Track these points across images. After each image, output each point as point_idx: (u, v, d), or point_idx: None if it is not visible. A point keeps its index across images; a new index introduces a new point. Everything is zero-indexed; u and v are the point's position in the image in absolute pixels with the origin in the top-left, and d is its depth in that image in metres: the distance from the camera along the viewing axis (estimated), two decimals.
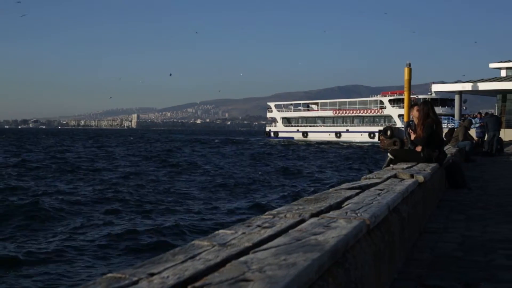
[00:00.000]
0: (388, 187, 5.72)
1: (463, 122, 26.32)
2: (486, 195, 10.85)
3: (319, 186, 28.15)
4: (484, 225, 7.46)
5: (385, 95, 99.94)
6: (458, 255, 5.65)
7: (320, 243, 2.86)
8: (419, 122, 10.97)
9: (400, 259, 5.10)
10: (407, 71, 69.13)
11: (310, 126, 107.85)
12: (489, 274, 4.89)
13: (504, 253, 5.67)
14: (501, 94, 67.73)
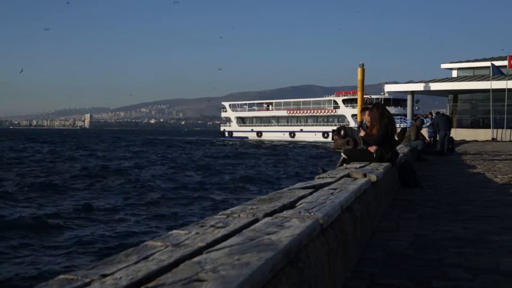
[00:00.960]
0: (341, 187, 5.76)
1: (415, 122, 26.61)
2: (437, 194, 10.99)
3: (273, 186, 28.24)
4: (436, 223, 7.56)
5: (338, 95, 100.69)
6: (410, 254, 5.71)
7: (274, 242, 2.87)
8: (375, 122, 11.06)
9: (353, 258, 5.14)
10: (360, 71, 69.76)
11: (264, 126, 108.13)
12: (440, 272, 4.95)
13: (454, 251, 5.75)
14: (452, 94, 68.76)
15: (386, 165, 9.88)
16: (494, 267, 5.10)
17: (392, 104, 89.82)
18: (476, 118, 67.30)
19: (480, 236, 6.60)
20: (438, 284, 4.59)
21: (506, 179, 14.21)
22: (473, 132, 57.46)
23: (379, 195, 7.82)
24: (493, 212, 8.52)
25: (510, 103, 56.16)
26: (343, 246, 4.47)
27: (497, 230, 7.03)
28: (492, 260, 5.37)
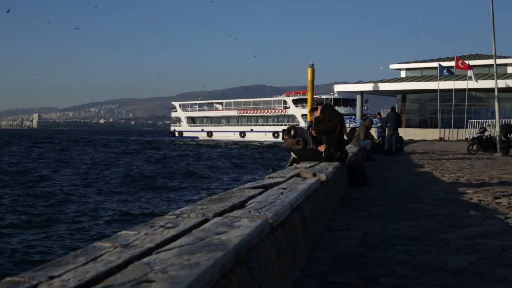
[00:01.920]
0: (291, 186, 5.79)
1: (364, 122, 26.84)
2: (386, 193, 11.11)
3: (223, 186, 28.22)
4: (384, 222, 7.64)
5: (288, 95, 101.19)
6: (360, 252, 5.77)
7: (224, 242, 2.88)
8: (325, 121, 11.14)
9: (303, 257, 5.17)
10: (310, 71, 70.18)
11: (214, 125, 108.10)
12: (389, 270, 5.01)
13: (402, 249, 5.83)
14: (401, 94, 69.63)
15: (335, 164, 9.96)
16: (441, 265, 5.18)
17: (341, 104, 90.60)
18: (424, 118, 68.28)
19: (428, 234, 6.70)
20: (386, 281, 4.65)
21: (453, 177, 14.44)
22: (421, 131, 58.27)
23: (328, 194, 7.88)
24: (440, 211, 8.65)
25: (457, 103, 57.07)
26: (293, 245, 4.49)
27: (444, 228, 7.14)
28: (440, 257, 5.46)
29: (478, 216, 8.09)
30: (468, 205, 9.28)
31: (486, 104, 62.53)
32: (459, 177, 14.54)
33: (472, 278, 4.74)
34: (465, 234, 6.67)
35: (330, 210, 8.11)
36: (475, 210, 8.66)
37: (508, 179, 14.12)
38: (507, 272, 4.92)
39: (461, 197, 10.36)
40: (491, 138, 28.09)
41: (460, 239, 6.37)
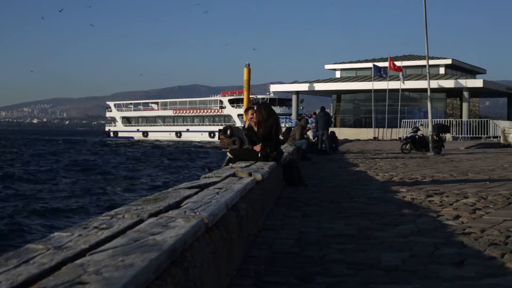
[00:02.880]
0: (227, 186, 5.79)
1: (300, 122, 27.02)
2: (321, 192, 11.21)
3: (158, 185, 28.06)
4: (319, 221, 7.71)
5: (224, 95, 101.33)
6: (295, 251, 5.80)
7: (158, 243, 2.86)
8: (261, 121, 11.17)
9: (238, 256, 5.18)
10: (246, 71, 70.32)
11: (150, 125, 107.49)
12: (324, 269, 5.06)
13: (337, 248, 5.89)
14: (336, 94, 70.35)
15: (271, 164, 10.01)
16: (375, 263, 5.26)
17: (277, 104, 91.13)
18: (359, 117, 69.17)
19: (362, 233, 6.78)
20: (321, 280, 4.69)
21: (387, 176, 14.66)
22: (355, 131, 58.98)
23: (264, 193, 7.91)
24: (374, 209, 8.77)
25: (391, 103, 57.97)
26: (228, 245, 4.50)
27: (378, 226, 7.24)
28: (374, 255, 5.53)
29: (411, 214, 8.23)
30: (401, 204, 9.44)
31: (419, 104, 63.71)
32: (393, 176, 14.77)
33: (405, 275, 4.82)
34: (398, 232, 6.78)
35: (266, 210, 8.14)
36: (408, 208, 8.81)
37: (440, 177, 14.41)
38: (439, 268, 5.02)
39: (394, 196, 10.53)
40: (423, 137, 28.61)
41: (394, 237, 6.47)
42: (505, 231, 6.81)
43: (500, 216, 8.08)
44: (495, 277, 4.75)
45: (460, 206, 9.10)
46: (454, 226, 7.21)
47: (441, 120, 49.38)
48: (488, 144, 41.58)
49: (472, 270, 4.98)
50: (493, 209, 8.81)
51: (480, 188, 11.82)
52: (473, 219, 7.85)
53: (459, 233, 6.70)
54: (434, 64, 63.36)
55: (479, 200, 9.85)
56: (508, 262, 5.24)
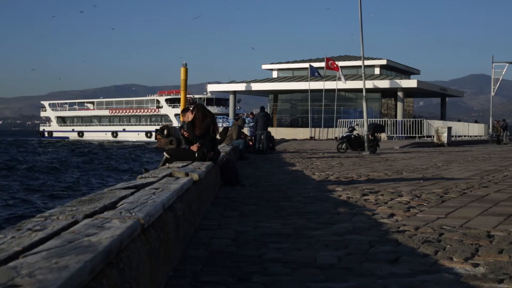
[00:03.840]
0: (163, 186, 5.76)
1: (237, 121, 27.05)
2: (258, 192, 11.25)
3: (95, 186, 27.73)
4: (256, 220, 7.73)
5: (161, 94, 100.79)
6: (232, 251, 5.81)
7: (94, 244, 2.83)
8: (197, 122, 11.15)
9: (175, 256, 5.16)
10: (183, 71, 69.94)
11: (86, 125, 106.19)
12: (261, 268, 5.07)
13: (274, 247, 5.91)
14: (273, 94, 70.69)
15: (208, 164, 10.00)
16: (312, 261, 5.30)
17: (214, 104, 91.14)
18: (296, 117, 69.69)
19: (299, 231, 6.83)
20: (258, 279, 4.70)
21: (323, 176, 14.80)
22: (292, 131, 59.37)
23: (201, 193, 7.90)
24: (311, 208, 8.84)
25: (327, 103, 58.57)
26: (165, 245, 4.47)
27: (315, 225, 7.30)
28: (310, 254, 5.58)
29: (346, 213, 8.33)
30: (337, 202, 9.54)
31: (355, 104, 64.56)
32: (329, 175, 14.92)
33: (341, 273, 4.87)
34: (334, 231, 6.85)
35: (203, 210, 8.13)
36: (344, 207, 8.90)
37: (375, 176, 14.61)
38: (374, 266, 5.09)
39: (330, 195, 10.63)
40: (359, 137, 29.00)
41: (330, 236, 6.53)
42: (438, 229, 6.95)
43: (433, 214, 8.24)
44: (429, 273, 4.84)
45: (395, 204, 9.24)
46: (389, 224, 7.33)
47: (376, 120, 50.08)
48: (422, 143, 42.41)
49: (406, 267, 5.06)
50: (427, 207, 8.98)
51: (414, 186, 12.03)
52: (407, 217, 7.99)
53: (393, 231, 6.81)
54: (370, 65, 64.29)
55: (413, 198, 10.03)
56: (441, 259, 5.35)
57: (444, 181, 13.32)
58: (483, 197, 10.28)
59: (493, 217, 7.96)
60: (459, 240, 6.25)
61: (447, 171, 17.02)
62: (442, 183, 12.92)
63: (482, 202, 9.63)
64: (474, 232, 6.70)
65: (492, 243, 6.11)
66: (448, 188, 11.68)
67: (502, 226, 7.21)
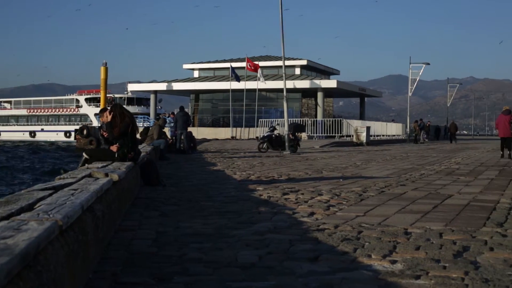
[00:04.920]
0: (82, 187, 5.69)
1: (158, 121, 26.89)
2: (179, 192, 11.20)
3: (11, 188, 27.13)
4: (177, 220, 7.70)
5: (81, 93, 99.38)
6: (153, 251, 5.77)
7: (10, 247, 2.77)
8: (116, 122, 11.04)
9: (95, 258, 5.09)
10: (104, 70, 69.07)
11: (2, 125, 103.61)
12: (182, 268, 5.05)
13: (195, 247, 5.90)
14: (194, 94, 70.54)
15: (128, 164, 9.91)
16: (232, 260, 5.31)
17: (135, 103, 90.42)
18: (217, 117, 69.74)
19: (220, 231, 6.83)
20: (179, 279, 4.68)
21: (245, 175, 14.85)
22: (214, 130, 59.41)
23: (121, 194, 7.82)
24: (232, 208, 8.86)
25: (249, 103, 58.79)
26: (84, 247, 4.41)
27: (235, 224, 7.32)
28: (231, 253, 5.59)
29: (267, 212, 8.38)
30: (258, 202, 9.58)
31: (276, 104, 65.02)
32: (250, 175, 14.98)
33: (262, 272, 4.89)
34: (255, 230, 6.88)
35: (123, 210, 8.04)
36: (265, 206, 8.95)
37: (296, 176, 14.75)
38: (295, 265, 5.14)
39: (252, 194, 10.67)
40: (280, 136, 29.20)
41: (251, 235, 6.56)
42: (357, 227, 7.07)
43: (352, 212, 8.38)
44: (348, 271, 4.92)
45: (315, 203, 9.35)
46: (309, 223, 7.41)
47: (297, 120, 50.54)
48: (342, 142, 43.04)
49: (326, 265, 5.13)
50: (346, 205, 9.12)
51: (334, 185, 12.20)
52: (327, 215, 8.10)
53: (313, 230, 6.89)
54: (290, 65, 64.88)
55: (333, 197, 10.18)
56: (360, 257, 5.44)
57: (363, 180, 13.55)
58: (400, 195, 10.51)
59: (410, 214, 8.14)
60: (378, 237, 6.38)
61: (366, 170, 17.32)
62: (361, 181, 13.14)
63: (399, 200, 9.85)
64: (392, 230, 6.85)
65: (409, 240, 6.26)
66: (367, 187, 11.89)
67: (419, 223, 7.39)
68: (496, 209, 8.70)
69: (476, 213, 8.28)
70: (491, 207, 8.96)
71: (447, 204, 9.29)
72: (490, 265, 5.11)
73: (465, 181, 13.65)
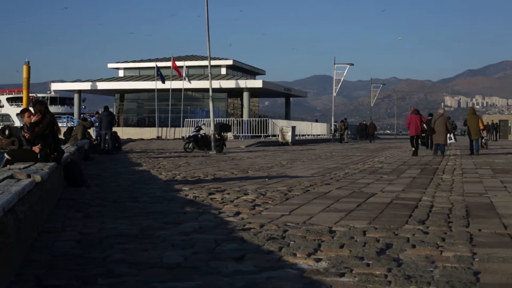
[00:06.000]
0: (3, 188, 5.57)
1: (82, 121, 26.54)
2: (104, 192, 11.08)
3: None
4: (102, 221, 7.61)
5: (3, 93, 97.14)
6: (77, 253, 5.69)
7: None
8: (38, 122, 10.85)
9: (17, 261, 4.99)
10: (26, 69, 67.62)
11: None
12: (107, 270, 5.00)
13: (120, 248, 5.84)
14: (119, 94, 69.82)
15: (51, 165, 9.75)
16: (158, 261, 5.28)
17: (59, 103, 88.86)
18: (142, 117, 69.18)
19: (145, 232, 6.79)
20: (104, 281, 4.63)
21: (170, 175, 14.78)
22: (139, 130, 58.92)
23: (44, 195, 7.68)
24: (157, 208, 8.81)
25: (174, 103, 58.54)
26: (5, 249, 4.32)
27: (161, 225, 7.29)
28: (156, 254, 5.56)
29: (193, 212, 8.37)
30: (184, 202, 9.57)
31: (202, 103, 64.94)
32: (176, 175, 14.92)
33: (187, 272, 4.89)
34: (181, 230, 6.86)
35: (46, 211, 7.91)
36: (191, 206, 8.95)
37: (222, 175, 14.77)
38: (220, 264, 5.15)
39: (177, 194, 10.64)
40: (206, 136, 29.20)
41: (176, 235, 6.54)
42: (282, 226, 7.13)
43: (278, 211, 8.44)
44: (273, 270, 4.96)
45: (241, 202, 9.39)
46: (235, 223, 7.43)
47: (223, 120, 50.56)
48: (267, 142, 43.24)
49: (251, 264, 5.16)
50: (272, 204, 9.19)
51: (259, 185, 12.27)
52: (253, 215, 8.14)
53: (239, 229, 6.91)
54: (216, 65, 64.84)
55: (259, 196, 10.24)
56: (285, 255, 5.49)
57: (289, 179, 13.66)
58: (325, 194, 10.64)
59: (334, 213, 8.26)
60: (303, 236, 6.44)
61: (291, 169, 17.47)
62: (287, 181, 13.24)
63: (324, 199, 9.96)
64: (316, 228, 6.93)
65: (333, 238, 6.35)
66: (292, 186, 11.99)
67: (343, 221, 7.50)
68: (418, 207, 8.90)
69: (398, 211, 8.45)
70: (413, 205, 9.16)
71: (371, 203, 9.45)
72: (412, 262, 5.23)
73: (388, 179, 13.91)
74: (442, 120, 26.72)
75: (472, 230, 6.91)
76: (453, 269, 4.98)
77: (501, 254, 5.55)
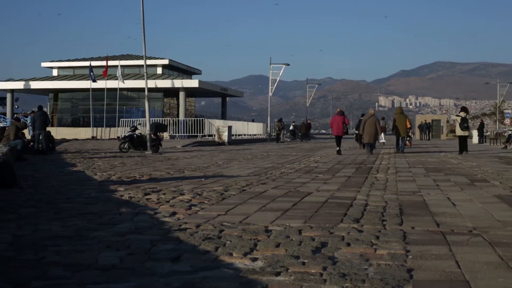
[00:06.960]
0: None
1: (15, 121, 26.10)
2: (38, 193, 10.90)
3: None
4: (36, 223, 7.49)
5: None
6: (9, 256, 5.58)
7: None
8: None
9: None
10: None
11: None
12: (40, 272, 4.93)
13: (54, 250, 5.76)
14: (53, 93, 68.78)
15: None
16: (93, 263, 5.23)
17: None
18: (77, 116, 68.28)
19: (80, 233, 6.71)
20: (38, 284, 4.56)
21: (105, 176, 14.64)
22: (74, 130, 58.22)
23: None
24: (92, 209, 8.72)
25: (110, 103, 57.95)
26: None
27: (96, 226, 7.21)
28: (91, 255, 5.50)
29: (129, 213, 8.32)
30: (119, 202, 9.49)
31: (137, 103, 64.50)
32: (111, 175, 14.79)
33: (123, 273, 4.85)
34: (116, 231, 6.81)
35: None
36: (126, 207, 8.88)
37: (158, 175, 14.70)
38: (156, 265, 5.13)
39: (112, 195, 10.55)
40: (141, 136, 29.04)
41: (112, 236, 6.49)
42: (219, 226, 7.14)
43: (214, 211, 8.45)
44: (210, 270, 4.96)
45: (177, 203, 9.37)
46: (171, 223, 7.42)
47: (159, 119, 50.31)
48: (204, 142, 43.24)
49: (187, 264, 5.15)
50: (208, 204, 9.20)
51: (196, 185, 12.25)
52: (189, 215, 8.13)
53: (175, 229, 6.90)
54: (152, 64, 64.50)
55: (195, 196, 10.23)
56: (221, 255, 5.50)
57: (225, 179, 13.68)
58: (261, 194, 10.69)
59: (270, 212, 8.31)
60: (239, 236, 6.47)
61: (228, 169, 17.50)
62: (223, 180, 13.26)
63: (260, 198, 10.02)
64: (253, 228, 6.96)
65: (269, 237, 6.39)
66: (229, 186, 12.02)
67: (279, 221, 7.55)
68: (353, 206, 9.03)
69: (334, 210, 8.56)
70: (348, 203, 9.29)
71: (306, 202, 9.54)
72: (347, 260, 5.30)
73: (323, 179, 14.06)
74: (372, 120, 27.61)
75: (405, 228, 7.05)
76: (387, 266, 5.07)
77: (433, 251, 5.68)
